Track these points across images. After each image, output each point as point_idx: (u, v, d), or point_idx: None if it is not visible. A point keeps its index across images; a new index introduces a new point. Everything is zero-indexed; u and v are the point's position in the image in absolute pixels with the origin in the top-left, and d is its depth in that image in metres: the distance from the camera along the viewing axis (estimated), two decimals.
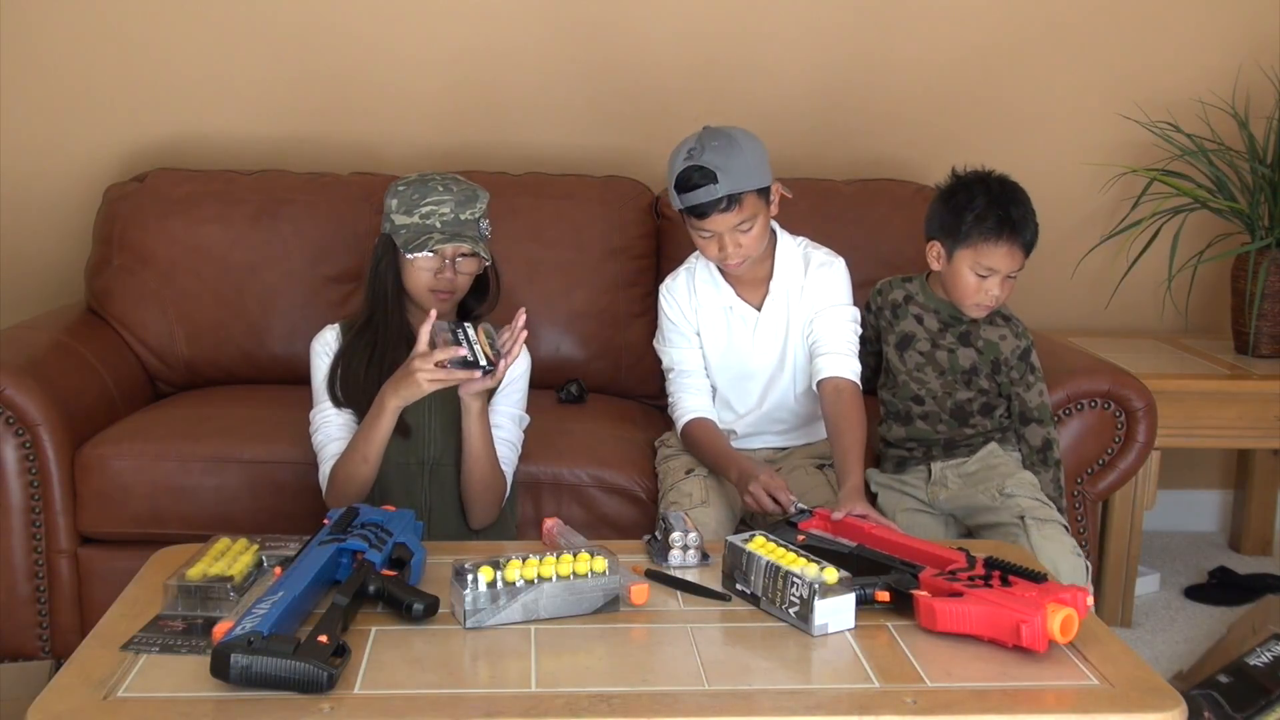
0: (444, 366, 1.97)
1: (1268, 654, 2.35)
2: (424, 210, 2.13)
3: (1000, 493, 2.31)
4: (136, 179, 3.02)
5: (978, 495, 2.34)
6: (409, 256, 2.12)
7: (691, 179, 2.21)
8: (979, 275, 2.30)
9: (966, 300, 2.35)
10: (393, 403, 2.02)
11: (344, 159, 3.19)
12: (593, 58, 3.26)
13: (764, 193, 2.28)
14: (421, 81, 3.24)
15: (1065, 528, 2.25)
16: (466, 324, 2.02)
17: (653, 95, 3.27)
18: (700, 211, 2.23)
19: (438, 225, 2.12)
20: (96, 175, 3.17)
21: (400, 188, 2.17)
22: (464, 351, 1.98)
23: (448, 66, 3.24)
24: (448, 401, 2.15)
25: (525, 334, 2.06)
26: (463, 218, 2.14)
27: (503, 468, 2.18)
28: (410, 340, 2.14)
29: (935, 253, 2.35)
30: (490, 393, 2.14)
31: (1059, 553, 2.17)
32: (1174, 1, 3.31)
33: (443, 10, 3.22)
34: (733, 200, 2.22)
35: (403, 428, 2.11)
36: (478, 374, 2.00)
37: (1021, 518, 2.25)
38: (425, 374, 1.97)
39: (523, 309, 2.08)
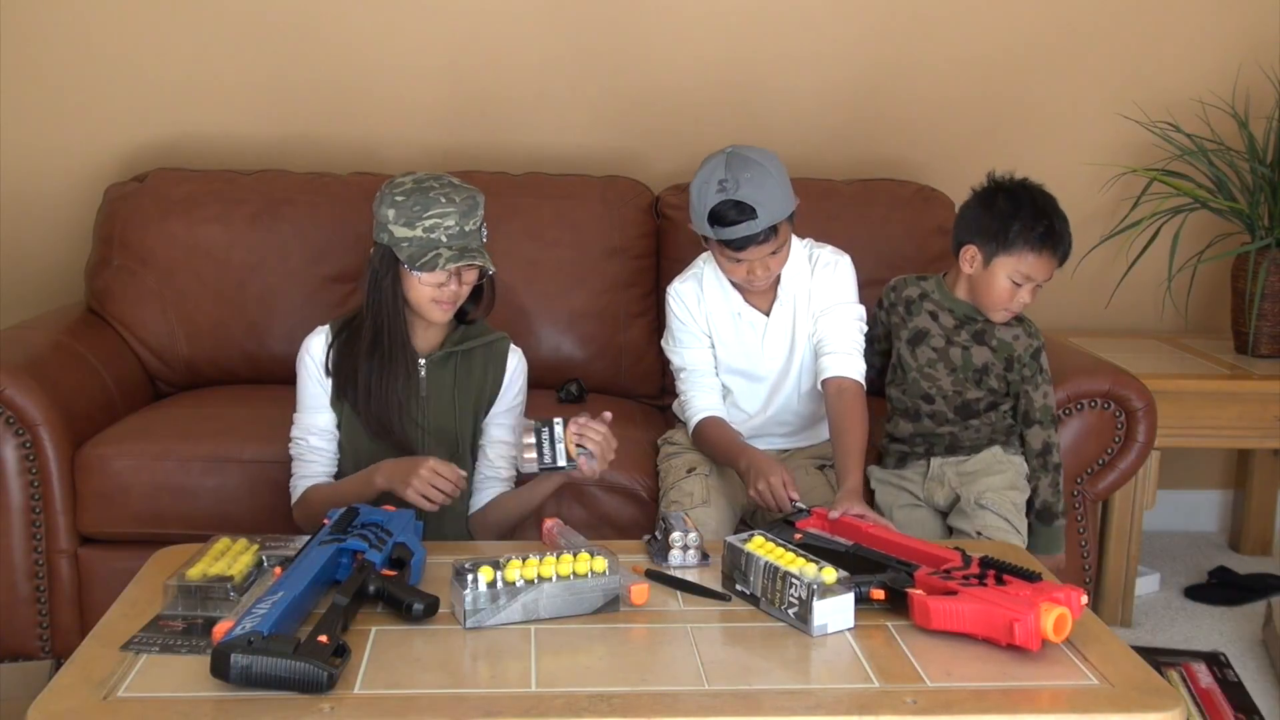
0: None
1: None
2: (427, 224, 2.05)
3: (977, 502, 2.32)
4: (136, 179, 3.02)
5: (963, 492, 2.36)
6: (417, 275, 2.08)
7: (729, 215, 2.20)
8: (1015, 283, 2.31)
9: (996, 306, 2.35)
10: (382, 485, 2.03)
11: (344, 159, 3.19)
12: (593, 58, 3.26)
13: (792, 214, 2.29)
14: (421, 82, 3.24)
15: (1056, 552, 2.29)
16: (556, 421, 2.01)
17: (653, 95, 3.27)
18: (739, 245, 2.23)
19: (444, 240, 2.06)
20: (96, 175, 3.16)
21: (398, 197, 2.07)
22: (527, 457, 2.00)
23: (448, 67, 3.24)
24: (444, 420, 2.17)
25: (613, 443, 2.06)
26: (467, 229, 2.09)
27: (504, 472, 2.23)
28: (410, 349, 2.14)
29: (969, 256, 2.35)
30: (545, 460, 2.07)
31: None
32: (1174, 2, 3.31)
33: (443, 10, 3.22)
34: (770, 232, 2.23)
35: (402, 446, 2.13)
36: (559, 472, 2.03)
37: (979, 533, 2.27)
38: (416, 490, 1.98)
39: (608, 413, 2.08)
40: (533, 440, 2.01)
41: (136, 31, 3.17)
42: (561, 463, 2.01)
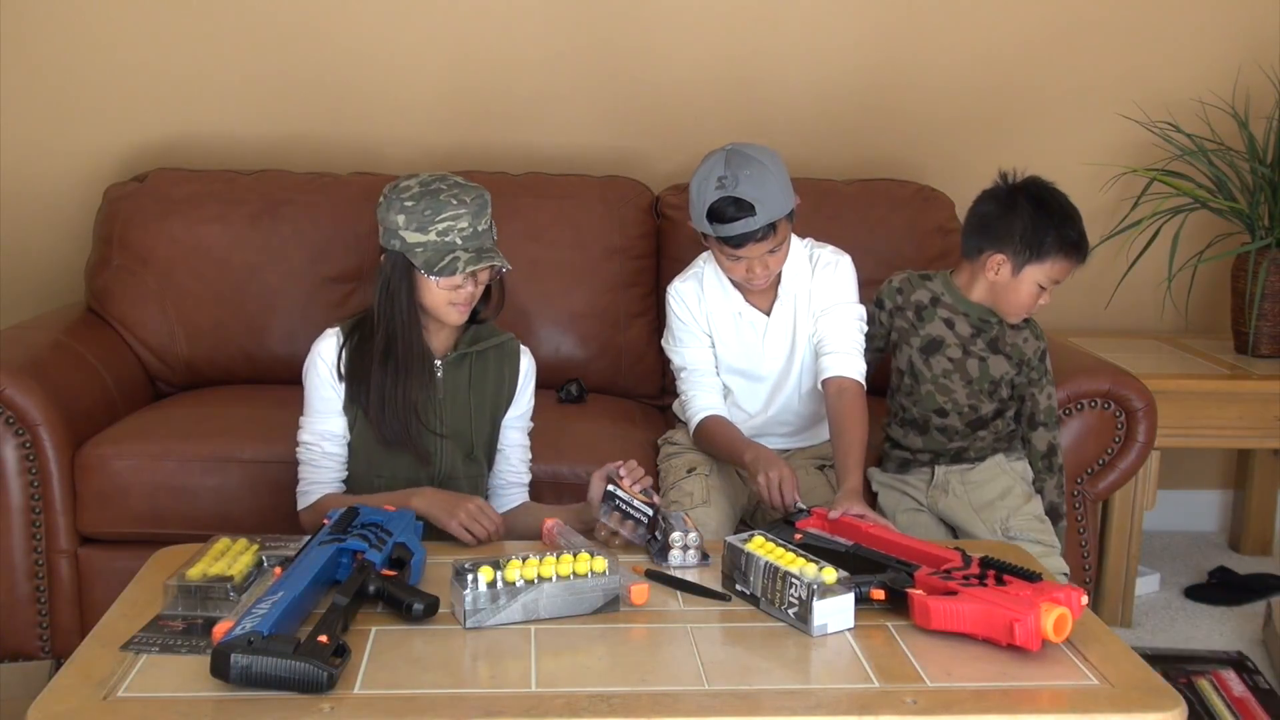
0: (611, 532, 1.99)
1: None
2: (440, 227, 2.01)
3: (1004, 532, 2.30)
4: (136, 179, 3.02)
5: (978, 520, 2.33)
6: (435, 280, 2.04)
7: (727, 212, 2.19)
8: (1041, 287, 2.31)
9: (1019, 311, 2.35)
10: (421, 509, 2.01)
11: (344, 159, 3.19)
12: (593, 57, 3.26)
13: (791, 213, 2.28)
14: (422, 81, 3.24)
15: (1060, 553, 2.28)
16: (613, 490, 1.99)
17: (653, 95, 3.27)
18: (737, 242, 2.23)
19: (459, 243, 2.03)
20: (96, 175, 3.17)
21: (407, 202, 2.03)
22: (634, 530, 1.98)
23: (448, 67, 3.24)
24: (460, 423, 2.17)
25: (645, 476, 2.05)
26: (480, 229, 2.06)
27: (525, 476, 2.28)
28: (426, 354, 2.12)
29: (996, 264, 2.31)
30: None
31: None
32: (1174, 1, 3.31)
33: (443, 10, 3.22)
34: (769, 229, 2.22)
35: (422, 456, 2.12)
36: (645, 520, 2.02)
37: None
38: (460, 521, 1.98)
39: (633, 461, 2.07)
40: (622, 516, 1.99)
41: (136, 31, 3.17)
42: (650, 512, 1.99)
